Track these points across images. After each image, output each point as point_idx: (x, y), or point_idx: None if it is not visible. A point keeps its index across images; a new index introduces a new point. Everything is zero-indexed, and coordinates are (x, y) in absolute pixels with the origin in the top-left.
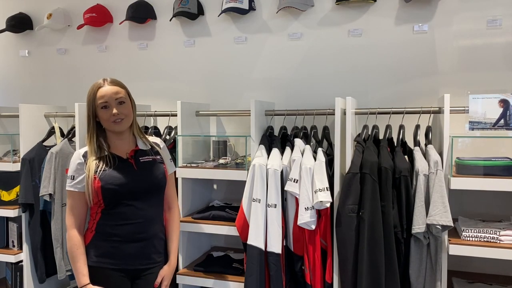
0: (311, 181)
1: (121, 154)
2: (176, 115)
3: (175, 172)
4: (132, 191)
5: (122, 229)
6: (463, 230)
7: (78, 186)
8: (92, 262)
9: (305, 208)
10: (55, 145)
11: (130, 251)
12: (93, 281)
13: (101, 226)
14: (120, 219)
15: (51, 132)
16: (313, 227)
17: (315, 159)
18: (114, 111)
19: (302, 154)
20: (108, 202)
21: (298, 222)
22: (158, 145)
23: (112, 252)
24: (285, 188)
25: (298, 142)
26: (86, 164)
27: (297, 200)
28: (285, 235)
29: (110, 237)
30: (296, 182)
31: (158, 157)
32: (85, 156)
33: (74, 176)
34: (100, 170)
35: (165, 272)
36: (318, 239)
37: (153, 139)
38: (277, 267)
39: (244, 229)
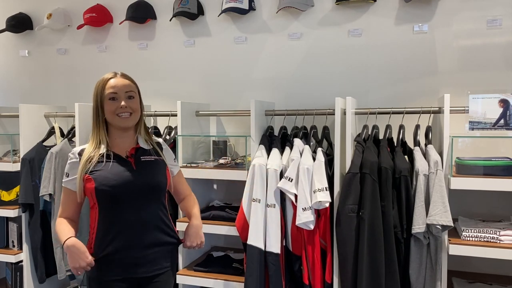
0: (310, 181)
1: (121, 153)
2: (176, 115)
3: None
4: (128, 191)
5: (122, 236)
6: (463, 230)
7: (70, 184)
8: (94, 274)
9: (303, 208)
10: (55, 145)
11: (133, 259)
12: None
13: (100, 235)
14: (119, 225)
15: (51, 132)
16: (312, 227)
17: (314, 159)
18: (122, 103)
19: (301, 154)
20: (104, 204)
21: (297, 223)
22: (161, 146)
23: (114, 262)
24: (278, 185)
25: (297, 142)
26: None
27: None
28: (284, 235)
29: (110, 245)
30: (291, 180)
31: (160, 158)
32: (80, 154)
33: (68, 174)
34: (93, 169)
35: (187, 231)
36: (317, 239)
37: (155, 139)
38: (276, 267)
39: (244, 229)
